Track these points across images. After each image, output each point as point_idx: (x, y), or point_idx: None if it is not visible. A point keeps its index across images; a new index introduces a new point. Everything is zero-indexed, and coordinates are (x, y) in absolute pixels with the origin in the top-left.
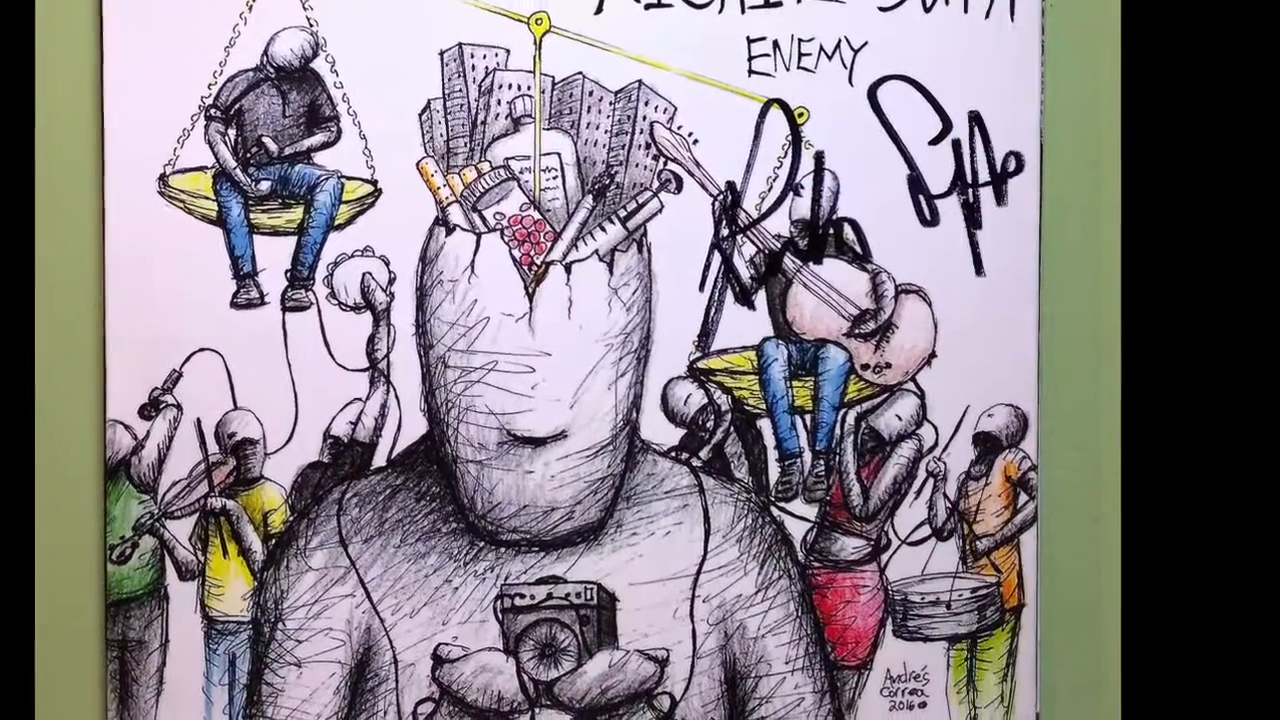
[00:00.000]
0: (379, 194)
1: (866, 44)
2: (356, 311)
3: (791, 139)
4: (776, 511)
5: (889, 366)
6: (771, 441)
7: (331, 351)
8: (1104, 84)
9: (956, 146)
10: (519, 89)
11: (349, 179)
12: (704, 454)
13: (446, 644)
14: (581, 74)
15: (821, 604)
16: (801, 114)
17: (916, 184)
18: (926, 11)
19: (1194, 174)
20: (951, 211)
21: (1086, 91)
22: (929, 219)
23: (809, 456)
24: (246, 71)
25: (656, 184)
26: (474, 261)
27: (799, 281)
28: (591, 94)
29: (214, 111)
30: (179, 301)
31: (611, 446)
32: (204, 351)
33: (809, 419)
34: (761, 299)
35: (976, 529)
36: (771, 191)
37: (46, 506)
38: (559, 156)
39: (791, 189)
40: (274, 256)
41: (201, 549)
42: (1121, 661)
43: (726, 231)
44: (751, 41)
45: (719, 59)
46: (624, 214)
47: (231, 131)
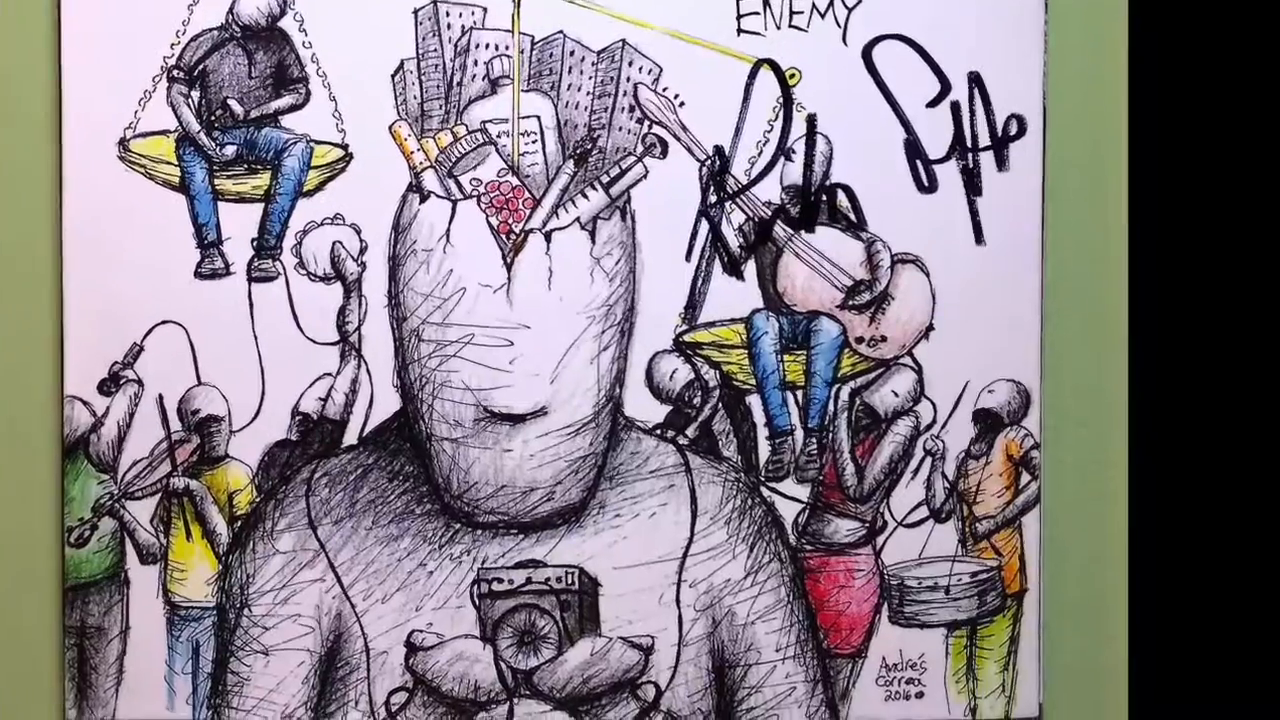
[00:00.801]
0: (350, 159)
1: (861, 2)
2: (326, 282)
3: (782, 101)
4: (767, 492)
5: (884, 340)
6: (761, 419)
7: (300, 324)
8: (1110, 43)
9: (955, 109)
10: (497, 49)
11: (318, 143)
12: (691, 432)
13: (420, 631)
14: (562, 33)
15: (814, 589)
16: (793, 75)
17: (913, 148)
18: None
19: (1203, 138)
20: (950, 177)
21: (1091, 51)
22: (926, 185)
23: (801, 434)
24: (211, 30)
25: (641, 148)
26: (449, 230)
27: (790, 251)
28: (573, 54)
29: (177, 72)
30: (140, 272)
31: (594, 424)
32: (166, 324)
33: (801, 395)
34: (751, 269)
35: (976, 510)
36: (761, 156)
37: (1, 487)
38: (538, 120)
39: (782, 154)
40: (239, 224)
41: (164, 531)
42: (1129, 648)
43: (714, 198)
44: None
45: (706, 17)
46: (607, 180)
47: (195, 93)
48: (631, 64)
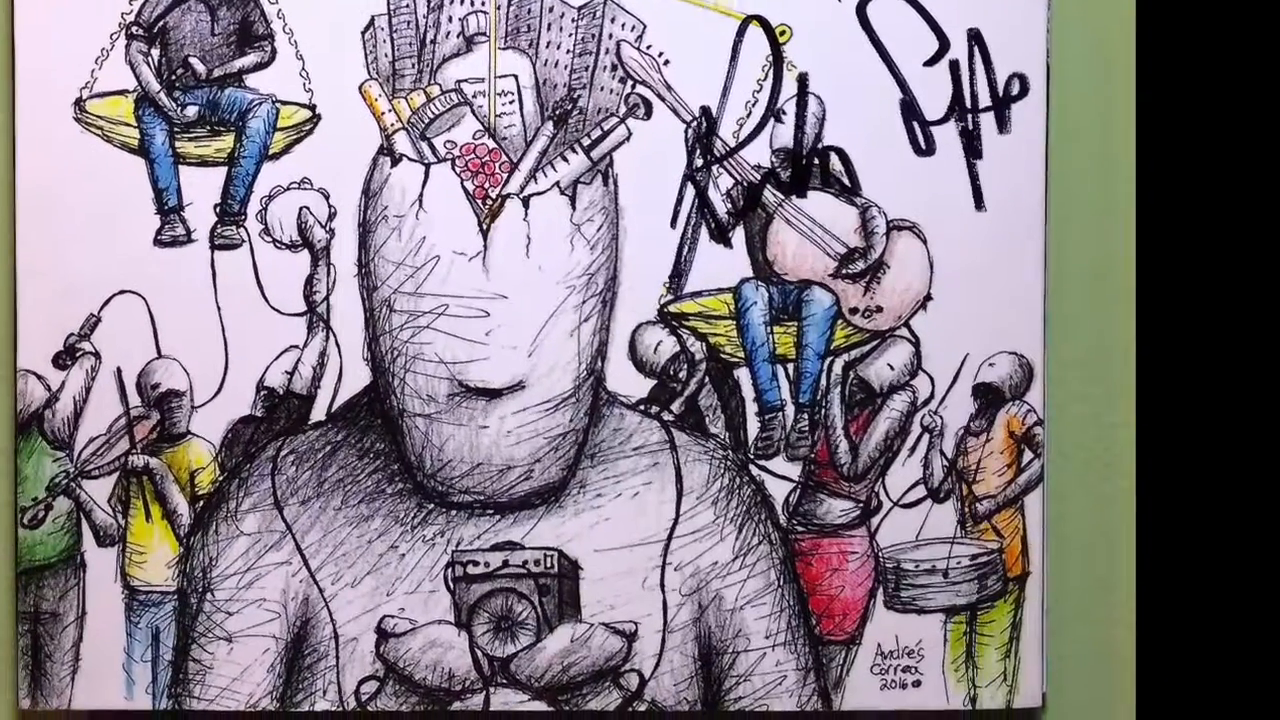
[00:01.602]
0: (317, 120)
1: None
2: (293, 250)
3: (772, 60)
4: (756, 470)
5: (880, 310)
6: (750, 393)
7: (265, 294)
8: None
9: (954, 68)
10: (472, 4)
11: (284, 104)
12: (676, 407)
13: (392, 616)
14: None
15: (806, 572)
16: (783, 32)
17: (910, 109)
18: None
19: (1215, 98)
20: (949, 140)
21: (1097, 6)
22: (924, 148)
23: (792, 410)
24: None
25: (623, 109)
26: (422, 195)
27: (781, 217)
28: (552, 10)
29: (136, 29)
30: (97, 239)
31: (574, 399)
32: (124, 294)
33: (792, 368)
34: (739, 236)
35: (976, 490)
36: (750, 118)
37: None
38: (516, 79)
39: (772, 115)
40: (201, 189)
41: (122, 512)
42: (1136, 635)
43: (701, 162)
44: None
45: None
46: (588, 143)
47: (155, 51)
48: (614, 20)
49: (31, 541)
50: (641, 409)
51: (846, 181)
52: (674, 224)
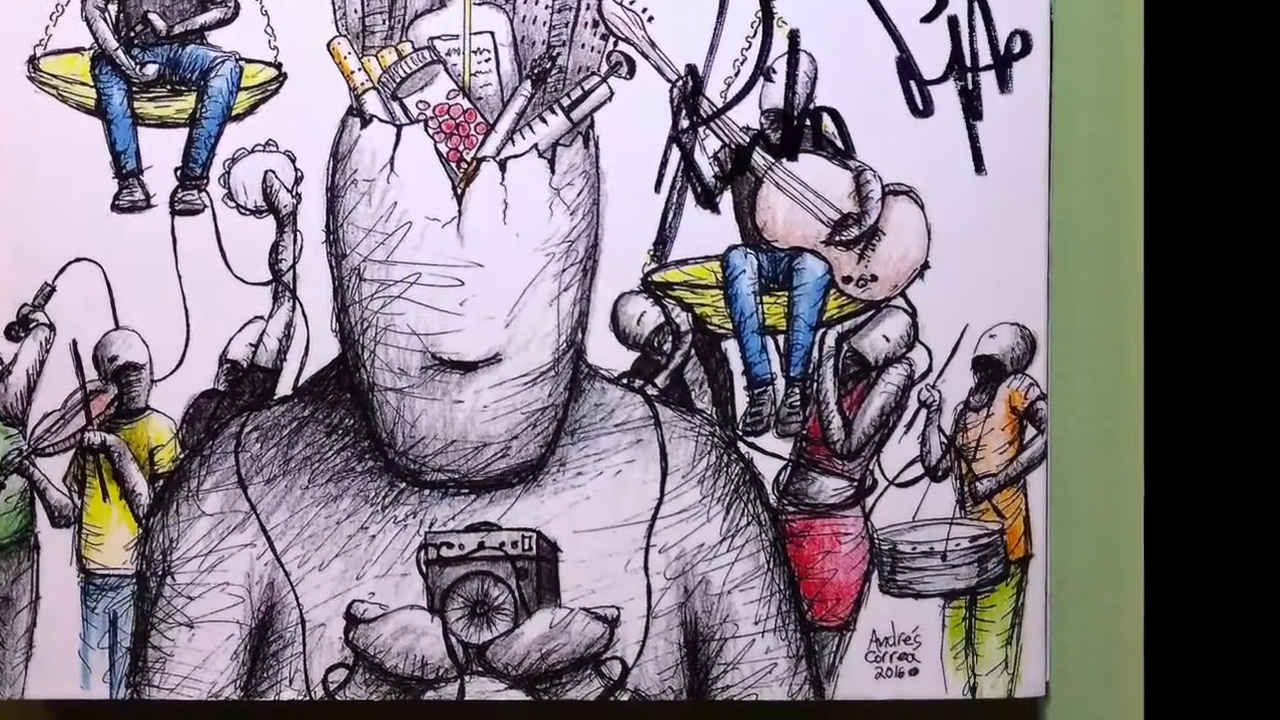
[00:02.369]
0: (283, 79)
1: None
2: (257, 215)
3: (761, 16)
4: (744, 447)
5: (875, 279)
6: (739, 366)
7: (228, 262)
8: None
9: (953, 24)
10: None
11: (248, 62)
12: (660, 381)
13: (361, 601)
14: None
15: (797, 555)
16: None
17: (907, 68)
18: None
19: (1226, 57)
20: (947, 100)
21: None
22: (921, 108)
23: (782, 383)
24: None
25: (605, 68)
26: (394, 158)
27: (770, 181)
28: None
29: None
30: (51, 204)
31: (553, 372)
32: (80, 262)
33: (782, 340)
34: (727, 201)
35: (976, 468)
36: (739, 77)
37: None
38: (492, 36)
39: (762, 74)
40: (161, 152)
41: (78, 491)
42: (1145, 621)
43: (686, 123)
44: None
45: None
46: (567, 103)
47: (113, 7)
48: None
49: None
50: (624, 383)
51: (840, 144)
52: (658, 189)
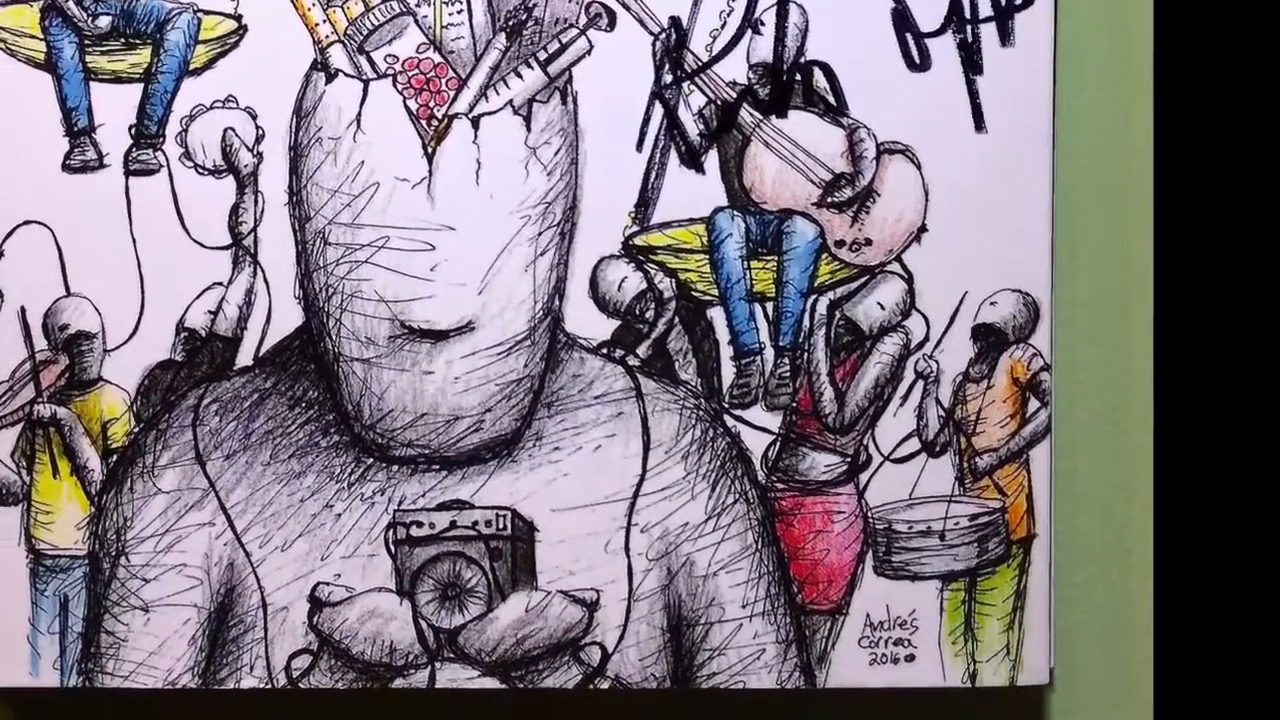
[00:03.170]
0: (244, 32)
1: None
2: (216, 176)
3: None
4: (731, 421)
5: (869, 243)
6: (725, 335)
7: (186, 225)
8: None
9: None
10: None
11: (207, 13)
12: (642, 351)
13: (327, 584)
14: None
15: (786, 534)
16: None
17: (902, 19)
18: None
19: (1239, 3)
20: (946, 53)
21: None
22: (918, 62)
23: (771, 354)
24: None
25: (584, 20)
26: (360, 115)
27: (759, 139)
28: None
29: None
30: None
31: (529, 341)
32: (29, 225)
33: (771, 308)
34: (713, 161)
35: (976, 443)
36: (725, 29)
37: None
38: None
39: (750, 26)
40: (115, 108)
41: (27, 468)
42: (1154, 604)
43: (670, 78)
44: None
45: None
46: (544, 56)
47: None
48: None
49: None
50: (604, 353)
51: (832, 100)
52: (640, 147)
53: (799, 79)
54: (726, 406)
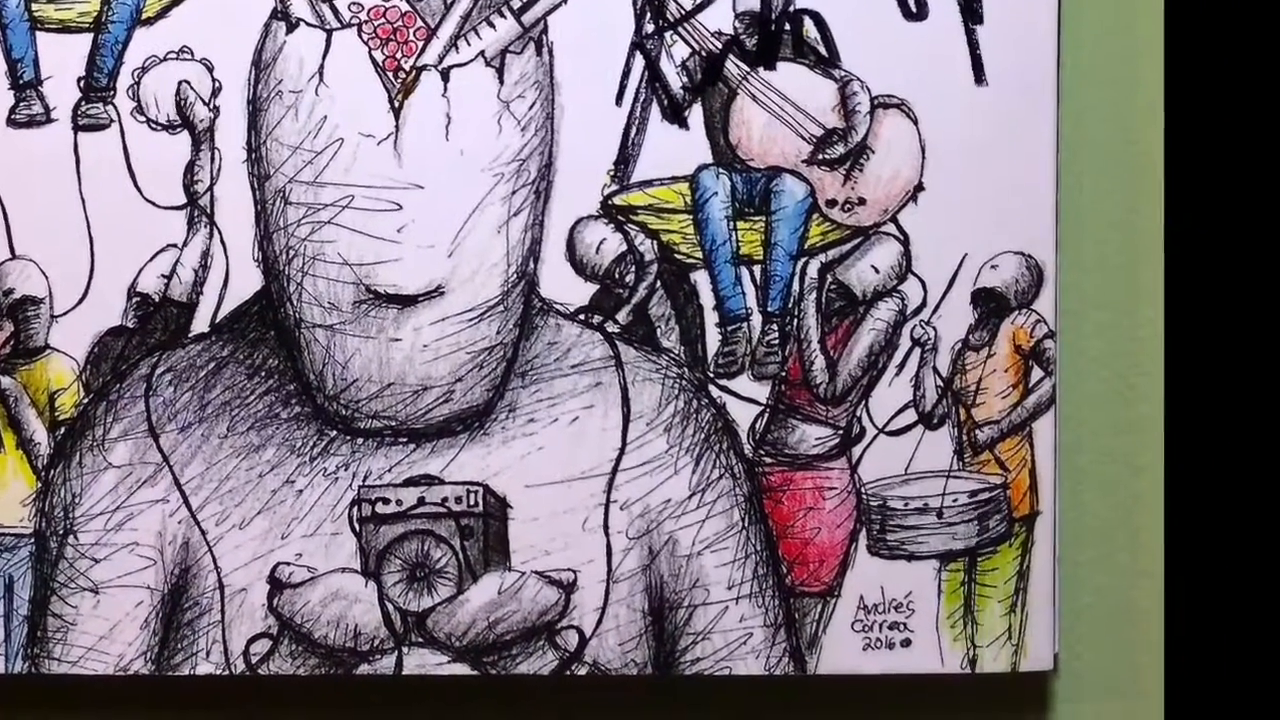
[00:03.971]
0: None
1: None
2: (170, 131)
3: None
4: (717, 391)
5: (862, 203)
6: (710, 301)
7: (138, 184)
8: None
9: None
10: None
11: None
12: (622, 317)
13: (287, 564)
14: None
15: (775, 511)
16: None
17: None
18: None
19: None
20: (944, 1)
21: None
22: (914, 10)
23: (759, 320)
24: None
25: None
26: (323, 66)
27: (746, 93)
28: None
29: None
30: None
31: (501, 307)
32: None
33: (759, 271)
34: (697, 115)
35: (976, 414)
36: None
37: None
38: None
39: None
40: (63, 60)
41: None
42: (1165, 585)
43: (651, 28)
44: None
45: None
46: (518, 5)
47: None
48: None
49: None
50: (582, 319)
51: (823, 50)
52: (619, 101)
53: (788, 28)
54: (711, 376)
